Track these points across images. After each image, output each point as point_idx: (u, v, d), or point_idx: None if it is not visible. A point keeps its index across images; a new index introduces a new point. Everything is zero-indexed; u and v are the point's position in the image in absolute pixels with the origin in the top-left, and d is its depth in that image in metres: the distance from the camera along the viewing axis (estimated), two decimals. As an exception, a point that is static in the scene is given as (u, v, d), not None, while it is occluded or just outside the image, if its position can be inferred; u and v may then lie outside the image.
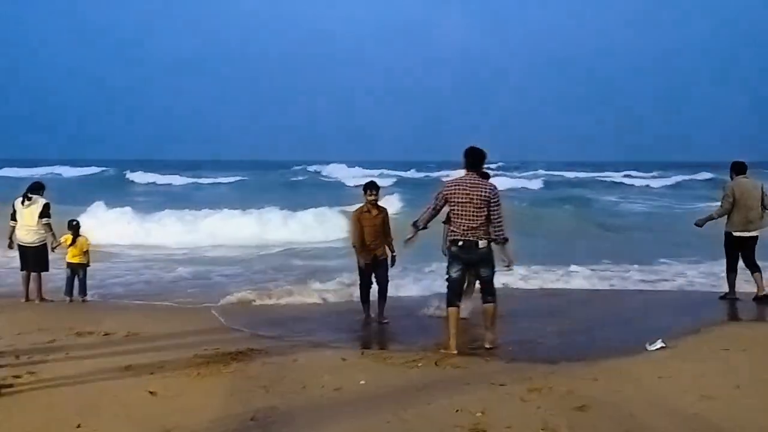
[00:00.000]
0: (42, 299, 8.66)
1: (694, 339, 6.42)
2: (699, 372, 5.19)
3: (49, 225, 8.66)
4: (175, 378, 4.97)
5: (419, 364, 5.48)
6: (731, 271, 8.55)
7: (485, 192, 5.89)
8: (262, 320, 7.55)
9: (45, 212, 8.57)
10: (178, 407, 4.31)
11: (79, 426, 3.94)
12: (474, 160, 6.02)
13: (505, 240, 6.00)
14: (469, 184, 5.94)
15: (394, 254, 7.65)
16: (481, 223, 5.92)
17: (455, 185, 5.99)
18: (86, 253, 9.02)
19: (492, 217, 5.92)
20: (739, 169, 8.57)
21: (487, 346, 6.14)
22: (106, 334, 6.52)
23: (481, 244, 5.99)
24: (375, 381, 4.96)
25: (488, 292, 6.20)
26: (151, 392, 4.57)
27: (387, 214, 7.73)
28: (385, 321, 7.52)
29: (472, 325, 7.08)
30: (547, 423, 4.02)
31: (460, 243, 5.98)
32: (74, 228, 8.99)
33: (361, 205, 7.59)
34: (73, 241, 8.90)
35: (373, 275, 7.60)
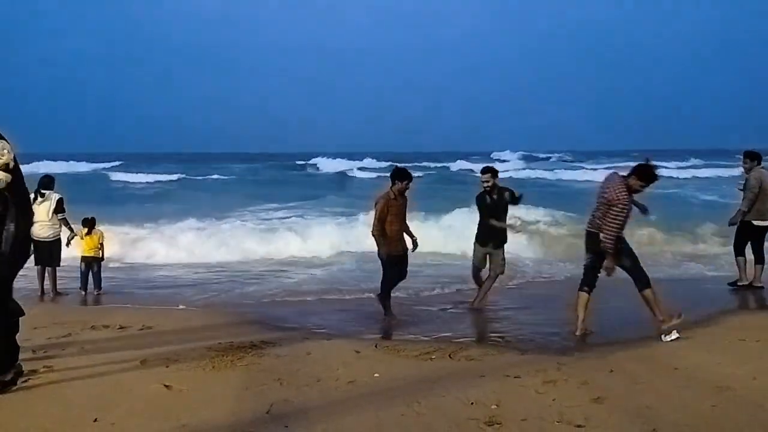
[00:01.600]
0: (57, 293, 8.74)
1: (710, 329, 6.38)
2: (715, 363, 5.15)
3: (65, 220, 8.73)
4: (190, 371, 4.98)
5: (433, 357, 5.47)
6: (740, 256, 8.62)
7: (607, 193, 6.05)
8: (277, 314, 7.57)
9: (59, 207, 8.63)
10: (193, 400, 4.32)
11: (95, 420, 3.95)
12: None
13: (605, 250, 6.09)
14: (606, 182, 6.19)
15: (415, 237, 7.56)
16: (596, 215, 6.18)
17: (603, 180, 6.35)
18: (101, 246, 9.08)
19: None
20: (756, 158, 8.56)
21: (664, 328, 6.17)
22: (120, 328, 6.55)
23: (603, 236, 6.14)
24: (389, 373, 4.96)
25: (636, 279, 6.31)
26: (166, 386, 4.58)
27: (406, 199, 7.49)
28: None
29: (491, 317, 7.11)
30: (563, 415, 4.00)
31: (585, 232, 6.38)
32: (90, 222, 9.05)
33: (386, 191, 7.26)
34: (89, 234, 8.96)
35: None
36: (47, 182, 8.77)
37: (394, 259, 7.27)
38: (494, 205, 7.58)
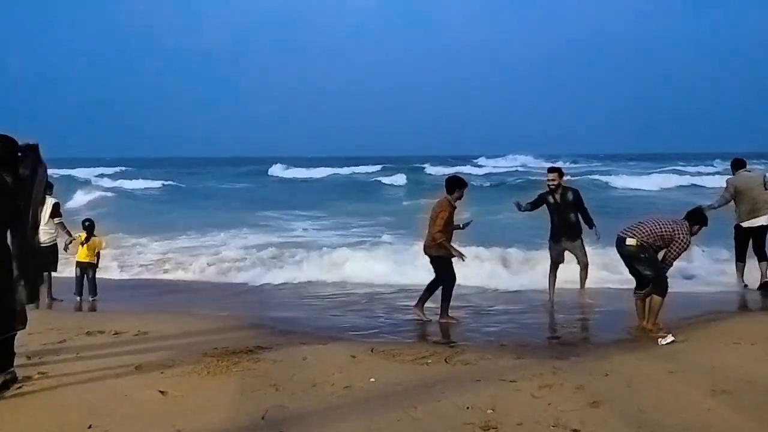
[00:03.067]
0: (52, 299, 8.70)
1: (705, 332, 6.39)
2: (710, 366, 5.16)
3: (62, 224, 8.70)
4: (185, 377, 4.96)
5: (429, 361, 5.46)
6: (739, 261, 8.79)
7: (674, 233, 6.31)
8: (272, 318, 7.55)
9: (56, 212, 8.60)
10: (188, 406, 4.30)
11: (90, 426, 3.93)
12: None
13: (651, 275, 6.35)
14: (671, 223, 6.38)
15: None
16: (639, 224, 6.42)
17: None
18: (98, 254, 9.05)
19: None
20: (739, 164, 8.92)
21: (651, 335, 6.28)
22: (116, 334, 6.52)
23: (629, 241, 6.33)
24: (385, 378, 4.95)
25: (640, 282, 6.54)
26: (161, 392, 4.57)
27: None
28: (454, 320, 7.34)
29: (487, 321, 7.07)
30: (559, 419, 4.00)
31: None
32: (88, 228, 9.01)
33: (446, 198, 7.31)
34: (87, 240, 8.92)
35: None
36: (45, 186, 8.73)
37: (450, 262, 7.34)
38: (556, 204, 7.99)
